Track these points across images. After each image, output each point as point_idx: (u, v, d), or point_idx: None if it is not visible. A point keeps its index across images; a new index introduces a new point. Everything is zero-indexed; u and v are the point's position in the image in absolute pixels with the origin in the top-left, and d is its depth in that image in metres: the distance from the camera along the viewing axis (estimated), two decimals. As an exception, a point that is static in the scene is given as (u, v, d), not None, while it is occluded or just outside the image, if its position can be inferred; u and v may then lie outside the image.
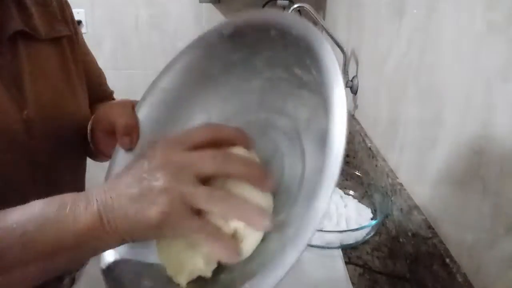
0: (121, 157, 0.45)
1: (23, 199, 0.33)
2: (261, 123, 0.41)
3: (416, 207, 0.63)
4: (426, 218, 0.60)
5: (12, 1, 0.51)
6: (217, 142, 0.35)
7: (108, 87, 0.73)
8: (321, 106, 0.31)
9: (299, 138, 0.37)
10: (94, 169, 0.73)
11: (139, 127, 0.45)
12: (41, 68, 0.53)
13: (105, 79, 0.72)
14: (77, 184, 0.62)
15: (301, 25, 0.32)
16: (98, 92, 0.68)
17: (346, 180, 0.83)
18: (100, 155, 0.57)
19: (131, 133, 0.44)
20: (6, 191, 0.46)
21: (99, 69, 0.70)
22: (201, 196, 0.32)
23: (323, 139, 0.28)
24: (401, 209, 0.66)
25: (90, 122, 0.55)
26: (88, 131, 0.55)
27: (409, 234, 0.62)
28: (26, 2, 0.52)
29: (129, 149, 0.44)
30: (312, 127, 0.36)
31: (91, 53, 0.68)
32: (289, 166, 0.37)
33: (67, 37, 0.59)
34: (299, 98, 0.38)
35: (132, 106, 0.46)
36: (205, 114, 0.44)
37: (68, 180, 0.58)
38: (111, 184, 0.33)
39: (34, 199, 0.33)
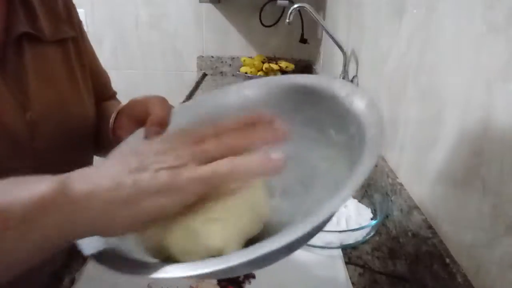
0: (133, 140, 0.47)
1: None
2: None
3: (416, 207, 0.63)
4: (426, 218, 0.60)
5: (20, 2, 0.50)
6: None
7: (112, 88, 0.73)
8: (342, 159, 0.36)
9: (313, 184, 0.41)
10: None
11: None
12: (45, 70, 0.52)
13: (109, 79, 0.72)
14: None
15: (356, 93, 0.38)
16: (103, 91, 0.68)
17: (346, 180, 0.83)
18: (114, 144, 0.58)
19: (162, 125, 0.46)
20: None
21: (103, 68, 0.70)
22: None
23: (336, 185, 0.31)
24: (401, 209, 0.66)
25: (119, 107, 0.56)
26: (113, 116, 0.56)
27: (409, 234, 0.62)
28: (33, 3, 0.52)
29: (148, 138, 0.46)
30: (328, 175, 0.40)
31: (95, 53, 0.68)
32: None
33: (72, 39, 0.58)
34: (322, 153, 0.41)
35: (169, 105, 0.50)
36: None
37: None
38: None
39: None
